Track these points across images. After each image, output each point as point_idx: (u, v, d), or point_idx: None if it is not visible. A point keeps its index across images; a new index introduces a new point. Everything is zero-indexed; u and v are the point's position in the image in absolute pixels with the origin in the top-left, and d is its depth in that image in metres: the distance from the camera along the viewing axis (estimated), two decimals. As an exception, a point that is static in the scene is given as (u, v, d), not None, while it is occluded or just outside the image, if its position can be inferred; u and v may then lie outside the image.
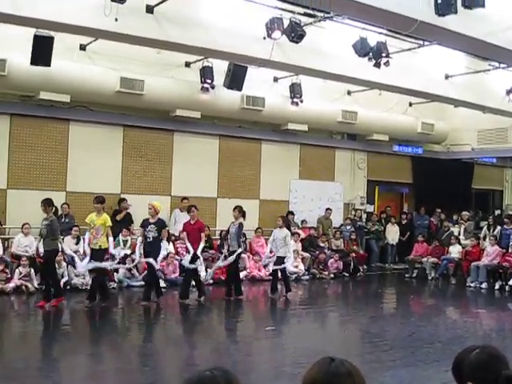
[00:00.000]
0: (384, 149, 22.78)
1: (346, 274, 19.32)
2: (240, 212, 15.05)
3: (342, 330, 13.06)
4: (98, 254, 13.29)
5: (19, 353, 9.77)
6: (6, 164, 16.18)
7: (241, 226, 14.88)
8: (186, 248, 14.51)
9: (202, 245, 14.27)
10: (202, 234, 14.36)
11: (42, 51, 14.05)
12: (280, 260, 15.31)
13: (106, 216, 13.41)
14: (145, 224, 13.94)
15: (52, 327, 12.07)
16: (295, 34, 13.19)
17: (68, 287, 14.66)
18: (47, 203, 13.15)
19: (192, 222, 14.46)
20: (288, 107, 18.77)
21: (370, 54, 14.26)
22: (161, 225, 13.96)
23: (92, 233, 13.30)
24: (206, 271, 15.76)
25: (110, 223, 13.44)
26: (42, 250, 13.54)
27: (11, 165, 16.24)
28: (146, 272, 14.97)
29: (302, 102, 18.58)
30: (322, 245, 19.91)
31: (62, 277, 14.56)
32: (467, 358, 2.86)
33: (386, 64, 14.47)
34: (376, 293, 17.94)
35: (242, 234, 15.24)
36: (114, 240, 15.90)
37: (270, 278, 16.22)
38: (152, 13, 12.74)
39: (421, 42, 15.34)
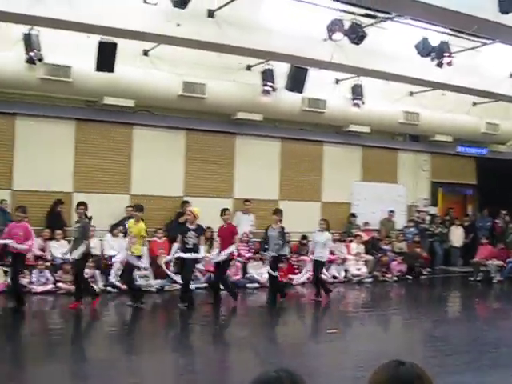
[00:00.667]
0: (447, 150, 22.43)
1: (410, 277, 19.10)
2: (281, 215, 14.89)
3: (405, 333, 12.92)
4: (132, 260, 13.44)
5: (84, 352, 9.97)
6: (71, 168, 16.51)
7: (283, 229, 14.67)
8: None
9: (232, 247, 14.20)
10: (236, 237, 14.33)
11: (105, 57, 14.34)
12: (317, 263, 15.18)
13: (142, 225, 13.47)
14: (184, 230, 13.78)
15: (117, 327, 12.24)
16: (356, 35, 13.16)
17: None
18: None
19: (225, 226, 14.49)
20: (350, 109, 18.66)
21: (433, 53, 14.12)
22: (200, 231, 13.83)
23: (130, 239, 13.47)
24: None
25: (144, 233, 13.52)
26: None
27: (77, 169, 16.57)
28: (207, 274, 15.10)
29: (363, 103, 18.45)
30: (384, 247, 19.73)
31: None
32: None
33: (449, 64, 14.31)
34: (440, 296, 17.70)
35: (285, 237, 14.93)
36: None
37: (333, 280, 16.18)
38: (213, 17, 12.87)
39: (484, 41, 15.12)
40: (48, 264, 14.78)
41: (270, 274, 14.58)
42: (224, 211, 14.62)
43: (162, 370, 9.09)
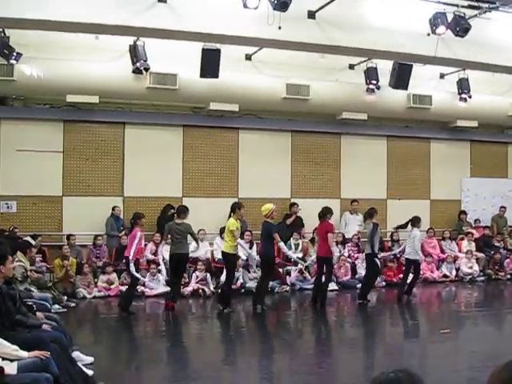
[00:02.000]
0: (561, 141, 21.63)
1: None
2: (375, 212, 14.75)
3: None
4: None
5: (198, 354, 10.16)
6: (180, 173, 16.90)
7: (375, 226, 14.43)
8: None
9: (332, 244, 14.03)
10: (329, 235, 13.94)
11: (209, 64, 14.61)
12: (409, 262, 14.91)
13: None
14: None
15: (228, 329, 12.41)
16: (460, 27, 12.89)
17: (242, 290, 15.05)
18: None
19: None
20: (456, 103, 18.29)
21: (542, 42, 13.67)
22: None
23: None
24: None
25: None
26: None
27: (185, 174, 16.95)
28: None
29: (470, 97, 18.03)
30: (497, 244, 19.21)
31: (237, 280, 15.00)
32: None
33: (560, 52, 13.82)
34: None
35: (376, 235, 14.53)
36: (286, 244, 16.21)
37: (444, 279, 15.93)
38: (314, 18, 12.89)
39: None
40: (160, 267, 15.14)
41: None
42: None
43: (273, 371, 9.18)
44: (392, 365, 9.17)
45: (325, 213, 14.20)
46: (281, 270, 16.20)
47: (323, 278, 14.11)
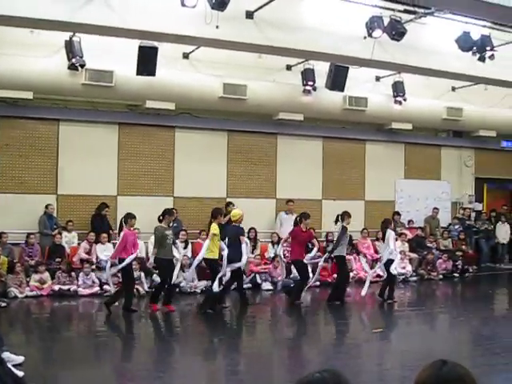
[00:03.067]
0: (491, 145, 22.14)
1: (456, 275, 18.89)
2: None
3: (451, 332, 12.77)
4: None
5: (132, 354, 10.06)
6: (115, 171, 16.70)
7: (343, 229, 14.57)
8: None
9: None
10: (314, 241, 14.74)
11: (146, 61, 14.48)
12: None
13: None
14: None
15: (163, 329, 12.33)
16: (396, 31, 13.08)
17: (177, 290, 14.97)
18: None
19: (304, 230, 14.51)
20: (391, 106, 18.56)
21: (474, 47, 13.97)
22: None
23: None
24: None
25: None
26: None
27: (120, 172, 16.75)
28: (252, 275, 15.15)
29: (405, 100, 18.33)
30: (429, 245, 19.56)
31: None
32: None
33: (491, 57, 14.15)
34: (487, 294, 17.45)
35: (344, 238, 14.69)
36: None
37: (378, 280, 16.15)
38: (252, 18, 12.91)
39: (527, 34, 14.90)
40: (93, 267, 14.97)
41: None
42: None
43: (208, 371, 9.15)
44: (324, 364, 9.24)
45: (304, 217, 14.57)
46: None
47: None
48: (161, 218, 13.50)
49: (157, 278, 14.38)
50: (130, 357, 10.02)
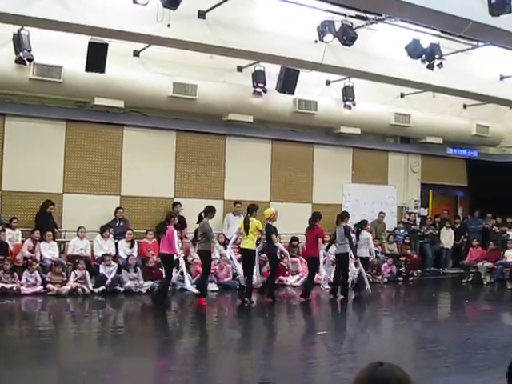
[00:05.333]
0: (438, 152, 22.48)
1: (400, 279, 19.10)
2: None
3: (395, 335, 12.91)
4: None
5: (74, 354, 9.92)
6: (61, 169, 16.45)
7: (346, 229, 15.75)
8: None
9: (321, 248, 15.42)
10: (319, 240, 15.24)
11: (96, 58, 14.29)
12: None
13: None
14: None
15: (106, 329, 12.19)
16: (347, 36, 13.17)
17: (121, 290, 14.85)
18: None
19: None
20: (341, 110, 18.67)
21: (423, 55, 14.15)
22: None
23: None
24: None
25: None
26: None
27: (67, 170, 16.51)
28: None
29: (354, 105, 18.47)
30: (375, 249, 19.71)
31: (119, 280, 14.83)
32: None
33: (440, 66, 14.34)
34: (430, 297, 17.69)
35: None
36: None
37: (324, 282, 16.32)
38: (204, 18, 12.86)
39: (475, 43, 15.16)
40: (37, 265, 14.71)
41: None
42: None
43: (151, 372, 9.07)
44: (267, 366, 9.25)
45: (315, 218, 15.61)
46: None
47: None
48: (202, 214, 14.41)
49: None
50: (74, 357, 9.86)
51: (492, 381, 8.25)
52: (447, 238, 21.92)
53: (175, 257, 14.27)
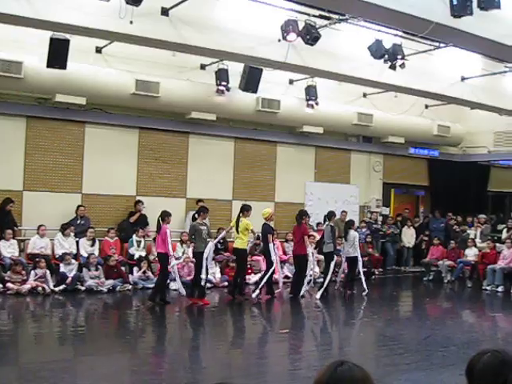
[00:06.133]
0: (400, 151, 22.70)
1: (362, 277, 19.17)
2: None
3: (357, 333, 12.98)
4: None
5: (34, 354, 9.81)
6: (22, 166, 16.24)
7: (332, 228, 16.37)
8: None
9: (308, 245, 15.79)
10: (305, 238, 15.67)
11: (58, 54, 14.10)
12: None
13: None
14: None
15: (66, 328, 12.07)
16: (310, 36, 13.19)
17: (83, 288, 14.72)
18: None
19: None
20: (303, 109, 18.71)
21: (386, 56, 14.24)
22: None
23: None
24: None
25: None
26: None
27: (27, 167, 16.29)
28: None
29: (317, 104, 18.53)
30: (337, 248, 19.77)
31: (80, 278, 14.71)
32: (478, 362, 2.84)
33: (402, 66, 14.45)
34: (391, 296, 17.85)
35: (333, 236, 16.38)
36: (127, 241, 16.10)
37: (286, 280, 16.37)
38: (167, 15, 12.79)
39: (436, 44, 15.29)
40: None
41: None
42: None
43: (112, 371, 9.00)
44: (228, 365, 9.24)
45: (301, 215, 16.01)
46: (123, 268, 15.97)
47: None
48: (196, 215, 14.93)
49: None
50: (33, 357, 9.74)
51: (452, 377, 8.36)
52: (409, 236, 22.13)
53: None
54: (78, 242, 15.97)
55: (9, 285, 14.09)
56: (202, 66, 17.57)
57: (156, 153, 18.08)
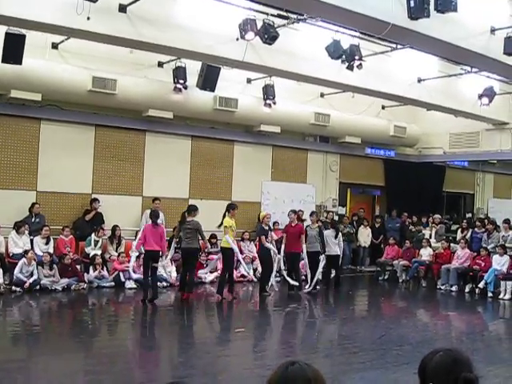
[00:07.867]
0: (356, 151, 22.87)
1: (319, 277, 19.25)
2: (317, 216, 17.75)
3: (312, 332, 13.03)
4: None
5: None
6: (-25, 163, 15.99)
7: (320, 228, 16.89)
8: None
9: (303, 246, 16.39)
10: (302, 237, 16.31)
11: (13, 49, 13.89)
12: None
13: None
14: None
15: (20, 328, 11.90)
16: (268, 35, 13.20)
17: (37, 287, 14.52)
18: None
19: (293, 225, 16.48)
20: (261, 109, 18.76)
21: (343, 56, 14.30)
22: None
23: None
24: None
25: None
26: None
27: (-20, 164, 16.05)
28: (116, 273, 14.92)
29: (274, 103, 18.59)
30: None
31: (32, 276, 14.46)
32: (431, 361, 2.87)
33: (359, 67, 14.53)
34: (347, 295, 17.95)
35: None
36: (85, 240, 15.94)
37: (241, 279, 16.39)
38: (125, 12, 12.68)
39: (394, 46, 15.44)
40: None
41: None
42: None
43: (67, 371, 8.91)
44: (184, 363, 9.21)
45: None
46: (78, 266, 15.82)
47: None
48: (186, 214, 15.04)
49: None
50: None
51: (406, 376, 8.45)
52: (364, 236, 22.29)
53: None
54: (32, 241, 15.75)
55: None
56: (160, 64, 17.49)
57: (112, 150, 17.92)
